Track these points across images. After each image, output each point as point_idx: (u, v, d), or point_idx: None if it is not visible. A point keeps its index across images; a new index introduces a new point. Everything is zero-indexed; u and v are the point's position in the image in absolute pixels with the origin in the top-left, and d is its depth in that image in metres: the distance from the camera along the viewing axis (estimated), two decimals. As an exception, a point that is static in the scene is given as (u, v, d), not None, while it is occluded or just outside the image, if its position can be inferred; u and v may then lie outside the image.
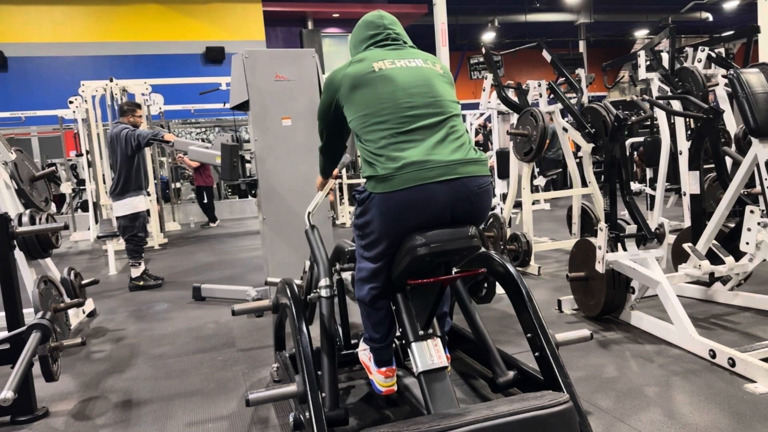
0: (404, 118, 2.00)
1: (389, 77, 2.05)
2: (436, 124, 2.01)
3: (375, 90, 2.04)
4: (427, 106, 2.03)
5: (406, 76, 2.06)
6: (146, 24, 13.03)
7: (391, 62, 2.09)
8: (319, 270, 2.43)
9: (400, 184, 1.92)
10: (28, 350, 2.56)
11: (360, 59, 2.13)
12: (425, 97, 2.04)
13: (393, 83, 2.03)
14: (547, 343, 2.16)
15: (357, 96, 2.08)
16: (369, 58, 2.12)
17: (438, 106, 2.04)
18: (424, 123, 1.99)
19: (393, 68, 2.07)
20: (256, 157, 4.27)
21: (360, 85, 2.07)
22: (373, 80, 2.05)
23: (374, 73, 2.06)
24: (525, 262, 5.12)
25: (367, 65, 2.09)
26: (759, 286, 3.97)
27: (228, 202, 12.31)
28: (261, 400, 2.05)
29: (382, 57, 2.11)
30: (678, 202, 6.03)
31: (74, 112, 8.67)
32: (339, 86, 2.14)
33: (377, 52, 2.14)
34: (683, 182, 4.57)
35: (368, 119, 2.03)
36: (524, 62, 18.35)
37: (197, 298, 4.97)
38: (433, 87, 2.07)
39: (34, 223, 3.30)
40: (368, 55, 2.14)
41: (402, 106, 2.00)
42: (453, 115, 2.07)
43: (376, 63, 2.09)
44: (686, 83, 4.64)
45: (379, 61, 2.09)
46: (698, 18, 19.44)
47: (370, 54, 2.14)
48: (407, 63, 2.10)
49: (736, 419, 2.32)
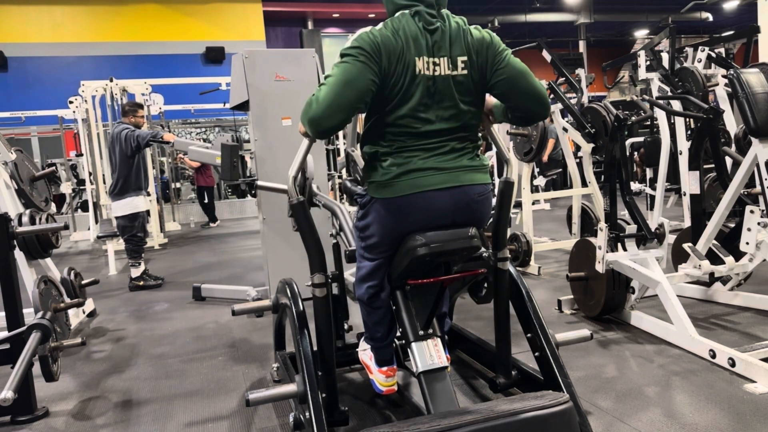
0: (416, 125, 1.93)
1: (421, 87, 1.91)
2: (443, 131, 1.97)
3: (408, 95, 1.91)
4: (441, 119, 1.95)
5: (434, 85, 1.92)
6: (146, 24, 13.03)
7: (427, 66, 1.90)
8: (311, 261, 2.12)
9: (401, 190, 1.92)
10: (28, 350, 2.56)
11: (405, 39, 1.89)
12: (439, 108, 1.95)
13: (420, 91, 1.91)
14: (547, 343, 2.16)
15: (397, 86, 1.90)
16: (410, 45, 1.89)
17: (450, 118, 1.96)
18: (431, 129, 1.95)
19: (426, 76, 1.91)
20: (256, 157, 4.28)
21: (403, 82, 1.90)
22: (410, 85, 1.90)
23: (414, 78, 1.90)
24: (525, 262, 5.12)
25: (410, 58, 1.88)
26: (759, 286, 3.97)
27: (228, 202, 12.31)
28: (261, 400, 2.05)
29: (419, 50, 1.89)
30: (678, 202, 6.02)
31: (74, 112, 8.67)
32: (389, 63, 1.87)
33: (417, 38, 1.90)
34: (683, 182, 4.57)
35: (386, 118, 1.94)
36: (524, 62, 18.31)
37: (197, 298, 4.98)
38: (452, 96, 1.96)
39: (34, 223, 3.30)
40: (408, 33, 1.89)
41: (419, 115, 1.93)
42: (462, 124, 1.99)
43: (419, 61, 1.89)
44: (686, 83, 4.64)
45: (420, 59, 1.89)
46: (698, 18, 19.43)
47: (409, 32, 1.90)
48: (440, 70, 1.92)
49: (736, 419, 2.32)
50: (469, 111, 2.00)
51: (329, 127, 1.90)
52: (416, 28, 1.92)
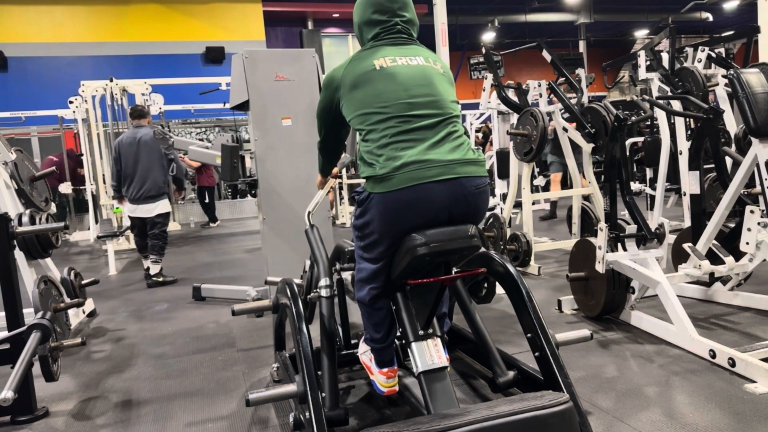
0: (404, 117, 1.99)
1: (390, 75, 2.03)
2: (435, 124, 2.01)
3: (376, 88, 2.03)
4: (428, 105, 2.02)
5: (407, 74, 2.04)
6: (146, 24, 13.04)
7: (392, 60, 2.06)
8: (318, 270, 2.42)
9: (399, 183, 1.93)
10: (28, 350, 2.56)
11: (360, 57, 2.11)
12: (426, 96, 2.03)
13: (394, 81, 2.02)
14: (547, 343, 2.16)
15: (357, 94, 2.06)
16: (370, 56, 2.09)
17: (438, 107, 2.04)
18: (423, 123, 1.99)
19: (394, 66, 2.05)
20: (256, 157, 4.27)
21: (361, 83, 2.05)
22: (373, 78, 2.04)
23: (375, 71, 2.04)
24: (525, 262, 5.12)
25: (368, 63, 2.06)
26: (759, 286, 3.97)
27: (228, 202, 12.31)
28: (261, 400, 2.05)
29: (383, 54, 2.08)
30: (678, 202, 6.02)
31: (74, 112, 8.67)
32: (339, 84, 2.12)
33: (380, 49, 2.10)
34: (683, 182, 4.57)
35: (369, 117, 2.02)
36: (524, 62, 18.35)
37: (197, 298, 4.98)
38: (434, 86, 2.06)
39: (34, 223, 3.30)
40: (369, 53, 2.11)
41: (402, 105, 2.00)
42: (453, 116, 2.06)
43: (377, 60, 2.06)
44: (686, 83, 4.64)
45: (380, 58, 2.07)
46: (698, 18, 19.44)
47: (372, 52, 2.11)
48: (408, 61, 2.08)
49: (736, 419, 2.32)
50: (448, 98, 2.08)
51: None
52: (381, 47, 2.12)
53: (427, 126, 1.99)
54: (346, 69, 2.11)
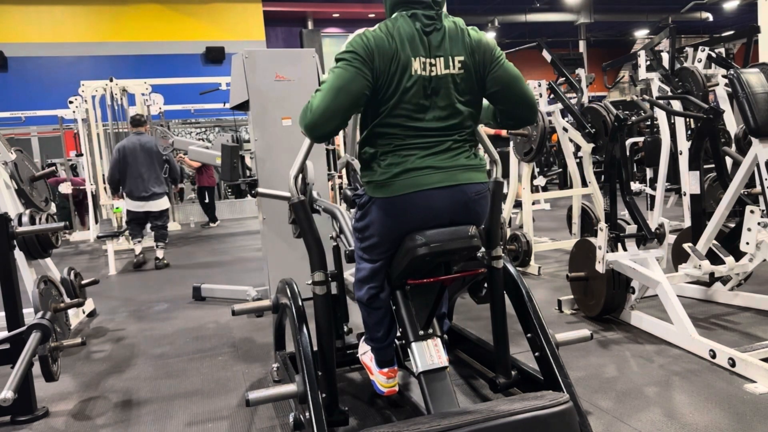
0: (413, 128, 1.94)
1: (417, 87, 1.91)
2: (440, 129, 1.97)
3: (404, 96, 1.91)
4: (438, 119, 1.96)
5: (430, 85, 1.93)
6: (146, 24, 13.04)
7: (423, 67, 1.91)
8: (312, 260, 2.14)
9: (399, 189, 1.92)
10: (28, 350, 2.56)
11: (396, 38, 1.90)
12: (436, 108, 1.96)
13: (415, 91, 1.92)
14: (547, 343, 2.16)
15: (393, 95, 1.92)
16: (405, 47, 1.90)
17: (447, 117, 1.97)
18: (429, 132, 1.96)
19: (423, 76, 1.92)
20: (256, 157, 4.28)
21: (398, 83, 1.91)
22: (407, 89, 1.91)
23: (409, 79, 1.90)
24: (525, 262, 5.12)
25: (406, 61, 1.89)
26: (759, 286, 3.97)
27: (228, 202, 12.31)
28: (261, 400, 2.05)
29: (416, 51, 1.91)
30: (678, 202, 6.02)
31: (74, 112, 8.67)
32: (381, 60, 1.89)
33: (412, 39, 1.91)
34: (683, 182, 4.57)
35: (383, 119, 1.94)
36: (524, 62, 18.25)
37: (197, 298, 4.98)
38: (449, 95, 1.96)
39: (34, 223, 3.30)
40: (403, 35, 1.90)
41: (415, 115, 1.93)
42: (459, 122, 2.00)
43: (414, 62, 1.90)
44: (686, 83, 4.64)
45: (416, 60, 1.91)
46: (698, 18, 19.45)
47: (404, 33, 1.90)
48: (436, 70, 1.93)
49: (736, 419, 2.32)
50: (465, 110, 2.01)
51: (324, 133, 1.98)
52: (412, 30, 1.93)
53: (431, 134, 1.96)
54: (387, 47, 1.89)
